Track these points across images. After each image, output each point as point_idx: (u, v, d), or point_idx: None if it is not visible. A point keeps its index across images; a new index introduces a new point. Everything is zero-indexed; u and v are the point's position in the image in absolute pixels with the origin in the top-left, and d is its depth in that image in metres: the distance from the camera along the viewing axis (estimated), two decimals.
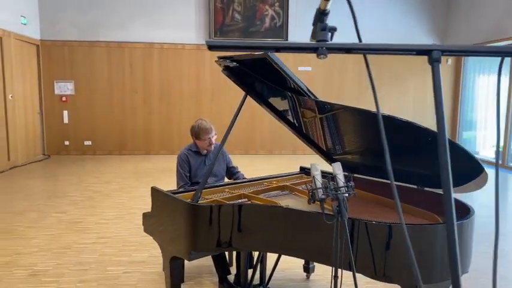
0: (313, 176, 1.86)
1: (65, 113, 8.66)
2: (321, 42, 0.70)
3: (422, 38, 9.27)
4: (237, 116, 2.45)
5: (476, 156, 2.26)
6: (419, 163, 2.45)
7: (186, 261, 3.09)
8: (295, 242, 1.97)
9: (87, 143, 8.72)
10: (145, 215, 2.54)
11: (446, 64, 9.51)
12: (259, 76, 2.30)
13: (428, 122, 9.30)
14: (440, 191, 2.46)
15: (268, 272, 2.82)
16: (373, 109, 2.37)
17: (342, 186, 1.82)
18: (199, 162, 3.27)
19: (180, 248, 2.14)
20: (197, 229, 2.07)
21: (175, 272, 2.33)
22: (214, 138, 3.34)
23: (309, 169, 3.18)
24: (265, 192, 2.75)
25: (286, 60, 8.28)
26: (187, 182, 3.14)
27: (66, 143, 8.68)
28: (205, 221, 2.07)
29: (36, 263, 3.32)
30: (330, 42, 0.71)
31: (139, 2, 8.54)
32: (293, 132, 2.90)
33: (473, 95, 9.34)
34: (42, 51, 8.44)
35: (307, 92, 2.30)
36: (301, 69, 9.05)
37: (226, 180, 3.35)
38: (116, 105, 8.74)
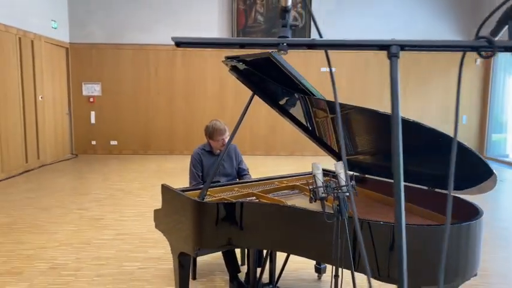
0: (314, 175, 1.86)
1: (92, 113, 8.94)
2: (282, 39, 0.72)
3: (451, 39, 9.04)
4: (244, 115, 2.47)
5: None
6: (430, 164, 2.41)
7: (198, 259, 3.16)
8: (298, 241, 1.98)
9: (113, 142, 8.96)
10: (156, 212, 2.61)
11: (475, 64, 9.24)
12: (266, 77, 2.32)
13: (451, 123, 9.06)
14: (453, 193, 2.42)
15: (278, 272, 2.83)
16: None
17: (343, 186, 1.82)
18: (212, 162, 3.31)
19: (187, 244, 2.19)
20: (203, 226, 2.12)
21: (183, 267, 2.38)
22: (227, 138, 3.37)
23: (323, 170, 3.19)
24: (274, 191, 2.77)
25: (308, 61, 8.23)
26: (199, 182, 3.19)
27: (93, 142, 8.96)
28: (211, 218, 2.10)
29: (56, 257, 3.45)
30: (290, 38, 0.73)
31: (163, 6, 8.72)
32: (304, 134, 2.90)
33: (504, 96, 9.03)
34: (71, 54, 8.74)
35: (314, 92, 2.30)
36: (323, 69, 9.01)
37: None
38: (141, 106, 8.95)
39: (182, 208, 2.23)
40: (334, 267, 1.85)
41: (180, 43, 0.74)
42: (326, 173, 3.10)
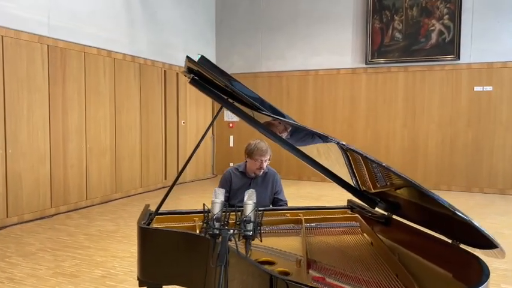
0: (212, 204, 1.51)
1: (231, 137, 9.57)
2: None
3: None
4: (209, 128, 2.27)
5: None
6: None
7: None
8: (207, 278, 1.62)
9: None
10: None
11: None
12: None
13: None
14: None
15: None
16: None
17: (242, 221, 1.41)
18: (243, 184, 3.11)
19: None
20: (143, 254, 1.94)
21: None
22: (267, 163, 3.14)
23: (358, 206, 2.62)
24: (277, 223, 2.38)
25: (459, 79, 7.19)
26: None
27: (231, 164, 9.53)
28: (149, 246, 1.92)
29: (115, 267, 3.72)
30: None
31: (298, 32, 8.81)
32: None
33: None
34: None
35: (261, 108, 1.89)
36: (477, 89, 7.57)
37: None
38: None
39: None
40: None
41: None
42: (358, 208, 2.53)
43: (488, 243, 1.49)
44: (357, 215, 2.46)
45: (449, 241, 1.77)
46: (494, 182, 7.50)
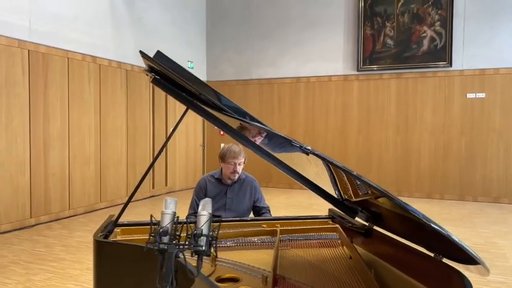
0: (161, 215, 1.35)
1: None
2: None
3: None
4: (174, 130, 2.11)
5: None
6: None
7: None
8: None
9: None
10: None
11: None
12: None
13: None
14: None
15: None
16: None
17: (195, 235, 1.25)
18: (219, 192, 2.95)
19: None
20: (98, 269, 1.78)
21: None
22: (241, 167, 2.98)
23: (339, 215, 2.47)
24: (251, 236, 2.22)
25: (451, 86, 7.05)
26: (196, 212, 2.84)
27: None
28: (104, 260, 1.76)
29: (89, 281, 3.52)
30: None
31: (289, 39, 8.71)
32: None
33: None
34: None
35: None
36: (470, 96, 7.47)
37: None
38: None
39: None
40: None
41: None
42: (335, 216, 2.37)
43: (469, 258, 1.34)
44: (337, 225, 2.31)
45: (432, 255, 1.61)
46: (488, 190, 7.37)
